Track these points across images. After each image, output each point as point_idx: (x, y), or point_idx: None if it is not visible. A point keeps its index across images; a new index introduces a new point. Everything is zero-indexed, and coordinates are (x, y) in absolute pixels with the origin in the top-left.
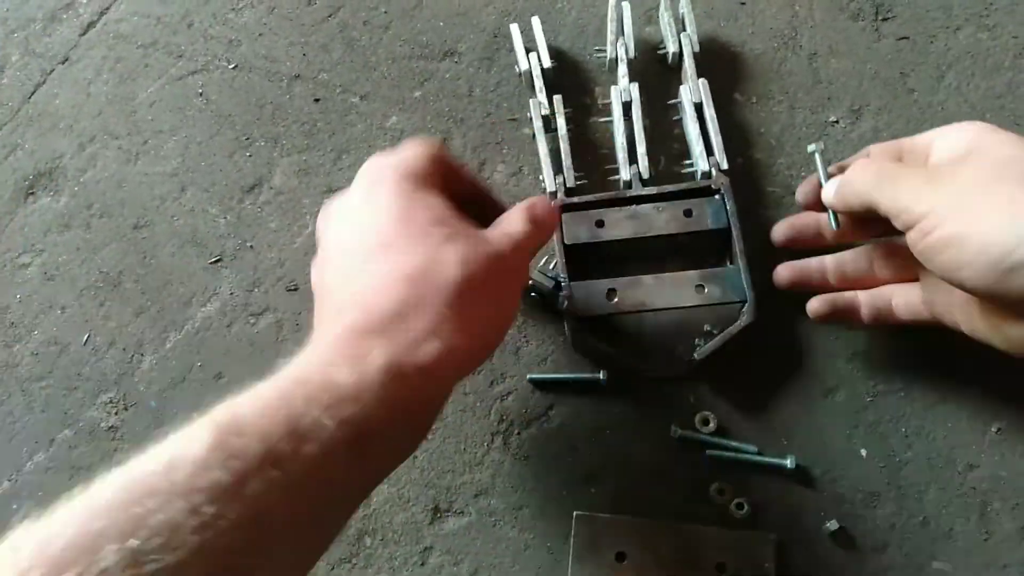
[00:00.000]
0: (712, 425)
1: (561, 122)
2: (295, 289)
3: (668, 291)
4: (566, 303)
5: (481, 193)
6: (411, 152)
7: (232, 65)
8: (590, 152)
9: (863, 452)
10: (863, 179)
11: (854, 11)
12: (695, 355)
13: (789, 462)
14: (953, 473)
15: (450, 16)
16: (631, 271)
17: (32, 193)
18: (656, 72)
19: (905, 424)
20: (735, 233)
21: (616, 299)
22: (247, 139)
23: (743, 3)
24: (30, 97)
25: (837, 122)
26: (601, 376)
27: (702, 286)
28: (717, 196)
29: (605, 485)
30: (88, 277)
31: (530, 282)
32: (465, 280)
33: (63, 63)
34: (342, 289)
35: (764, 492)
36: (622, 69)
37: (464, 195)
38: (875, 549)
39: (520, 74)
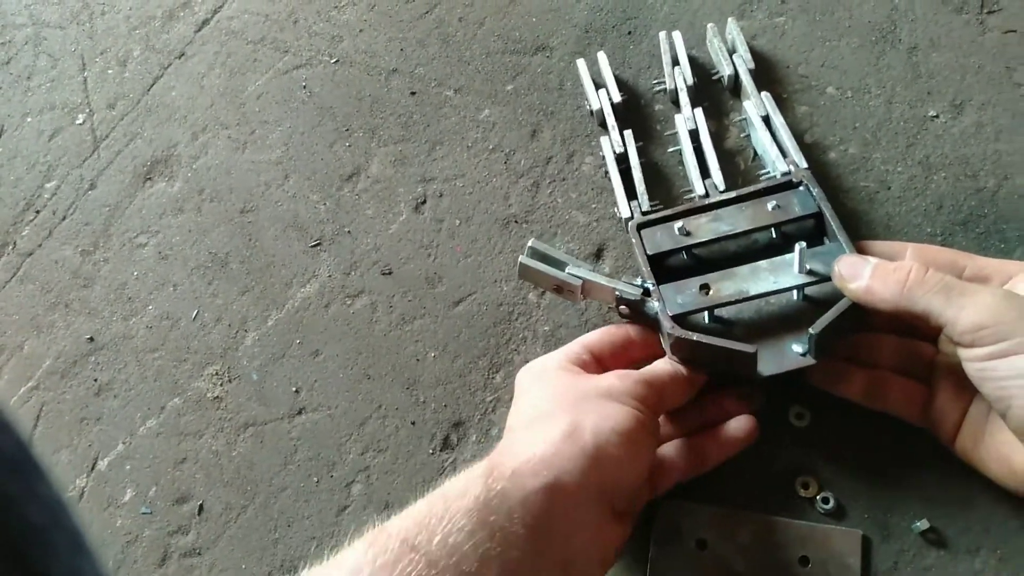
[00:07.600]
0: (807, 420)
1: (634, 156)
2: (389, 273)
3: (766, 276)
4: (657, 307)
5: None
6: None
7: (334, 60)
8: (661, 178)
9: None
10: (923, 286)
11: (957, 4)
12: (810, 329)
13: None
14: None
15: (542, 12)
16: (723, 268)
17: (149, 179)
18: (715, 92)
19: None
20: (828, 213)
21: (711, 292)
22: (347, 130)
23: None
24: (149, 89)
25: (937, 116)
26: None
27: (803, 266)
28: (801, 187)
29: None
30: (198, 257)
31: (615, 293)
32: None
33: (179, 58)
34: (517, 432)
35: (851, 487)
36: (683, 98)
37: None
38: (968, 551)
39: (591, 112)
